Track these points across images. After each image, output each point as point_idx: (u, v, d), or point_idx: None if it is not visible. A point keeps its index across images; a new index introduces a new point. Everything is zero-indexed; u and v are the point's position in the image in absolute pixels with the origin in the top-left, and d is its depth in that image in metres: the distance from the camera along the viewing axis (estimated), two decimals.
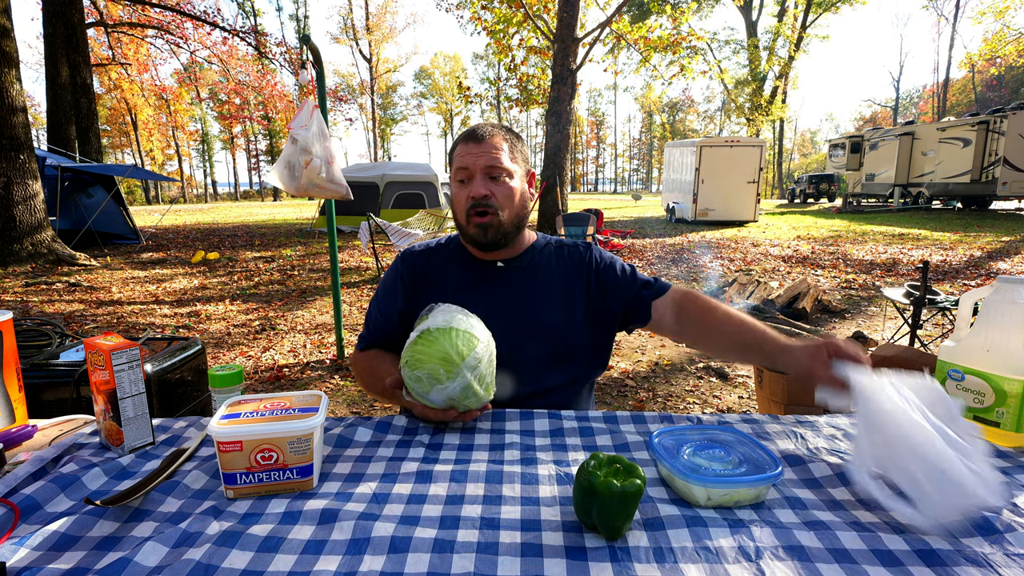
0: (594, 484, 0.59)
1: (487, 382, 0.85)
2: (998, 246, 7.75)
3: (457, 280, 1.09)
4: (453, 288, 1.08)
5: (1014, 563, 0.55)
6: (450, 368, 0.81)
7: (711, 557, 0.56)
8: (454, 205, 1.07)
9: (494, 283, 1.09)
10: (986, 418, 0.82)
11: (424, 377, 0.82)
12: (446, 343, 0.82)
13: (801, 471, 0.74)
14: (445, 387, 0.81)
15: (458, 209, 1.05)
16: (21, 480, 0.70)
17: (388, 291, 1.11)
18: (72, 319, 4.70)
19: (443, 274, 1.10)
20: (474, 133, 1.05)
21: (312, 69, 3.04)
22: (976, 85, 35.16)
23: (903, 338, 3.42)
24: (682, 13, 10.05)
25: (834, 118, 65.12)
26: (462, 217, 1.05)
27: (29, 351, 1.47)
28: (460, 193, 1.04)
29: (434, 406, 0.84)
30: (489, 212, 1.02)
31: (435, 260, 1.12)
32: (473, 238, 1.05)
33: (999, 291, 0.81)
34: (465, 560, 0.56)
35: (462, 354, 0.81)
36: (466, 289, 1.08)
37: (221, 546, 0.58)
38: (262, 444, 0.67)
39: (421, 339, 0.84)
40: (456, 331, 0.83)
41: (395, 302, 1.09)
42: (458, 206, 1.05)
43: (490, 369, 0.86)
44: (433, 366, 0.81)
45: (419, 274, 1.10)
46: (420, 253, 1.13)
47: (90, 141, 10.85)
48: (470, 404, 0.84)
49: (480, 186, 1.01)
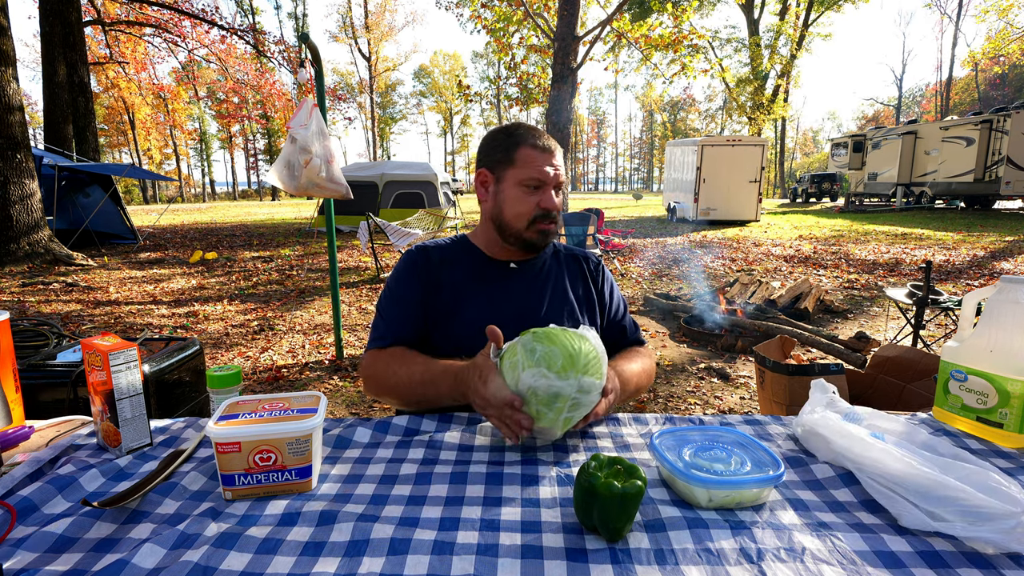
0: (595, 485, 0.58)
1: (572, 418, 0.75)
2: (1001, 246, 7.73)
3: (467, 275, 1.09)
4: (462, 282, 1.07)
5: (1015, 565, 0.55)
6: (568, 365, 0.73)
7: (712, 559, 0.56)
8: (515, 207, 1.04)
9: (504, 282, 1.09)
10: (989, 419, 0.81)
11: (539, 351, 0.74)
12: (582, 345, 0.76)
13: (803, 472, 0.74)
14: (546, 377, 0.72)
15: (521, 213, 1.03)
16: (18, 481, 0.70)
17: (404, 282, 1.08)
18: (69, 319, 4.69)
19: (454, 268, 1.10)
20: (542, 142, 1.04)
21: (311, 68, 3.03)
22: (979, 84, 35.10)
23: (906, 338, 3.42)
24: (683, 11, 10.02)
25: (836, 117, 65.22)
26: (522, 221, 1.04)
27: (26, 351, 1.47)
28: (528, 199, 1.03)
29: (510, 388, 0.75)
30: (552, 222, 1.06)
31: (447, 254, 1.11)
32: (529, 242, 1.06)
33: (1002, 291, 0.81)
34: (465, 562, 0.56)
35: (587, 368, 0.74)
36: (475, 283, 1.07)
37: (219, 548, 0.57)
38: (260, 445, 0.67)
39: (561, 329, 0.78)
40: (596, 350, 0.78)
41: (414, 291, 1.07)
42: (522, 210, 1.03)
43: (577, 412, 0.75)
44: (554, 350, 0.74)
45: (433, 266, 1.09)
46: (432, 247, 1.12)
47: (87, 140, 10.84)
48: (541, 415, 0.74)
49: (552, 199, 1.04)
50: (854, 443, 0.71)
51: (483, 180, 1.08)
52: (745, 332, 3.79)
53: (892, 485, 0.64)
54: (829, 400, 0.85)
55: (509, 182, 1.04)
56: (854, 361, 2.93)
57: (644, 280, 6.30)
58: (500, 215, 1.06)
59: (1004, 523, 0.55)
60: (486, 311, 1.04)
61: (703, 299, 4.65)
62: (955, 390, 0.86)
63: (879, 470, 0.66)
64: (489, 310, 1.04)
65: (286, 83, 20.15)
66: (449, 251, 1.12)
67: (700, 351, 3.75)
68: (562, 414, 0.73)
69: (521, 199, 1.03)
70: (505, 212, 1.05)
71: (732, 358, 3.58)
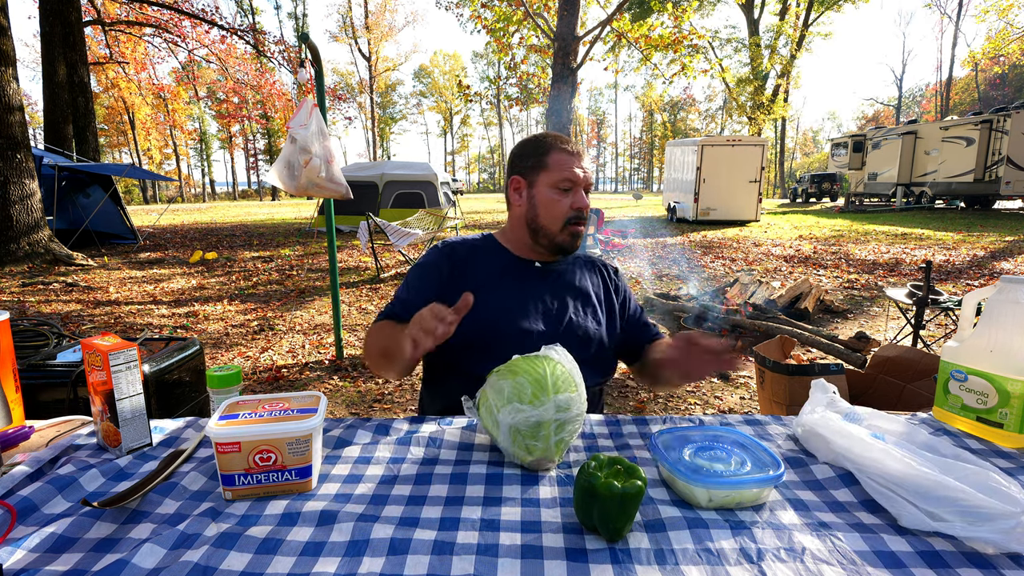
0: (595, 485, 0.58)
1: (564, 439, 0.74)
2: (1001, 246, 7.73)
3: (493, 269, 1.12)
4: (487, 274, 1.10)
5: (1015, 565, 0.55)
6: (538, 392, 0.72)
7: (712, 559, 0.56)
8: (550, 209, 1.08)
9: (531, 280, 1.12)
10: (989, 419, 0.81)
11: (507, 389, 0.74)
12: (547, 366, 0.76)
13: (803, 472, 0.74)
14: (521, 411, 0.72)
15: (556, 215, 1.08)
16: (18, 481, 0.70)
17: (426, 274, 1.12)
18: (69, 319, 4.69)
19: (480, 262, 1.13)
20: (571, 147, 1.10)
21: (311, 68, 3.03)
22: (979, 84, 35.09)
23: (906, 338, 3.42)
24: (683, 11, 10.02)
25: (836, 117, 65.21)
26: (557, 223, 1.08)
27: (26, 351, 1.47)
28: (562, 201, 1.08)
29: (492, 434, 0.77)
30: (583, 223, 1.10)
31: (477, 252, 1.15)
32: (561, 245, 1.10)
33: (1002, 291, 0.81)
34: (465, 562, 0.56)
35: (558, 388, 0.73)
36: (500, 278, 1.11)
37: (219, 547, 0.57)
38: (261, 445, 0.67)
39: (522, 358, 0.79)
40: (563, 364, 0.78)
41: (431, 286, 1.10)
42: (557, 212, 1.08)
43: (567, 431, 0.74)
44: (521, 381, 0.74)
45: (458, 261, 1.12)
46: (461, 243, 1.16)
47: (87, 140, 10.83)
48: (532, 448, 0.72)
49: (584, 198, 1.09)
50: (854, 443, 0.71)
51: (516, 186, 1.13)
52: (745, 332, 3.79)
53: (892, 485, 0.64)
54: (829, 400, 0.85)
55: (542, 185, 1.09)
56: (854, 361, 2.93)
57: (644, 280, 6.30)
58: (536, 218, 1.10)
59: (1004, 523, 0.55)
60: (511, 303, 1.07)
61: (703, 299, 4.65)
62: (955, 390, 0.86)
63: (879, 470, 0.66)
64: (514, 303, 1.07)
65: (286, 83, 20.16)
66: (477, 246, 1.16)
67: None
68: (551, 439, 0.72)
69: (555, 201, 1.08)
70: (540, 215, 1.09)
71: None
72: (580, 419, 0.76)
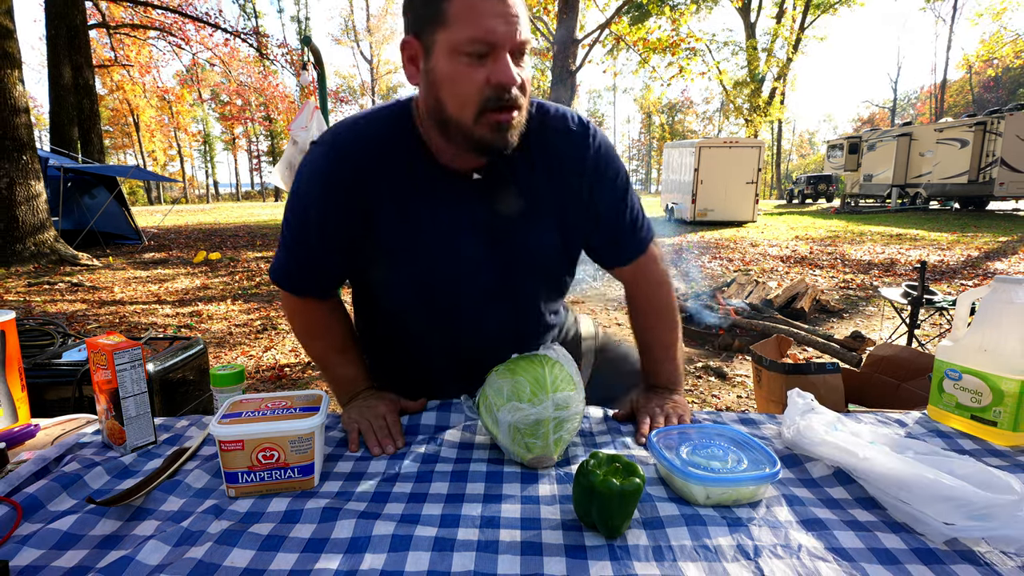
0: (593, 483, 0.59)
1: (562, 437, 0.74)
2: (995, 246, 7.75)
3: (415, 193, 0.79)
4: (407, 208, 0.79)
5: (1011, 561, 0.56)
6: (537, 390, 0.73)
7: (710, 555, 0.57)
8: (453, 88, 0.71)
9: (470, 203, 0.81)
10: (983, 417, 0.82)
11: (506, 388, 0.75)
12: (546, 365, 0.77)
13: (799, 470, 0.75)
14: (520, 409, 0.72)
15: (464, 96, 0.70)
16: (24, 479, 0.71)
17: (314, 217, 0.80)
18: (74, 319, 4.69)
19: (394, 185, 0.79)
20: None
21: (313, 70, 3.05)
22: (973, 86, 35.15)
23: (900, 338, 3.42)
24: (681, 15, 10.07)
25: (832, 119, 65.23)
26: (469, 109, 0.71)
27: (32, 351, 1.48)
28: (474, 74, 0.69)
29: (492, 432, 0.76)
30: (515, 108, 0.72)
31: (385, 161, 0.79)
32: (483, 142, 0.73)
33: (996, 291, 0.82)
34: (465, 559, 0.56)
35: (556, 386, 0.74)
36: (429, 208, 0.80)
37: (223, 545, 0.58)
38: (263, 443, 0.68)
39: (522, 356, 0.80)
40: (560, 363, 0.78)
41: (328, 233, 0.81)
42: (466, 91, 0.70)
43: (565, 430, 0.75)
44: (520, 381, 0.74)
45: (362, 179, 0.78)
46: (362, 147, 0.78)
47: (92, 142, 10.86)
48: (532, 446, 0.73)
49: (508, 68, 0.69)
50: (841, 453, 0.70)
51: (411, 54, 0.75)
52: (742, 331, 3.80)
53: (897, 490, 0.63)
54: (807, 408, 0.80)
55: (441, 51, 0.70)
56: (850, 360, 2.94)
57: None
58: (437, 103, 0.73)
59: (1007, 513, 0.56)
60: (451, 239, 0.80)
61: (700, 299, 4.66)
62: (950, 389, 0.87)
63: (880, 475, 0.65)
64: (455, 239, 0.80)
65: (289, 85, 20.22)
66: (391, 149, 0.79)
67: (697, 350, 3.76)
68: (550, 437, 0.73)
69: (461, 75, 0.69)
70: (444, 98, 0.72)
71: (729, 357, 3.59)
72: (579, 417, 0.77)
